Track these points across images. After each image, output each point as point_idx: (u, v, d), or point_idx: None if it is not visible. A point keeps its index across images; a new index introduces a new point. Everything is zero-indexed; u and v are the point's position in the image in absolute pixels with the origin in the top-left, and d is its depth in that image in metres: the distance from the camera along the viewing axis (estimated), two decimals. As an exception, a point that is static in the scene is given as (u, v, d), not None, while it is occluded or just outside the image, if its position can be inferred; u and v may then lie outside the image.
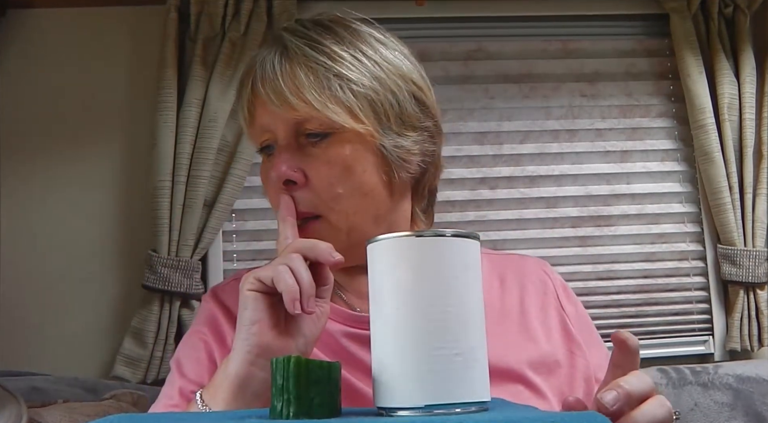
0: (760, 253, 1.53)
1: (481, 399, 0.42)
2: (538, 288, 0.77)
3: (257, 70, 0.67)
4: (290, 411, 0.40)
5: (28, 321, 1.46)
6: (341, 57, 0.66)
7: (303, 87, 0.64)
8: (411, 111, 0.69)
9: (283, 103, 0.64)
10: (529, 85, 1.65)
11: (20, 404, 0.91)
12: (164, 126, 1.42)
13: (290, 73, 0.65)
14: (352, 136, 0.66)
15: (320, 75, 0.65)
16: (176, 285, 1.39)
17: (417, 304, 0.42)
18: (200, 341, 0.70)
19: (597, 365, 0.73)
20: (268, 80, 0.65)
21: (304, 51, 0.66)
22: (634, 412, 0.47)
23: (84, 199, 1.52)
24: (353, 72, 0.66)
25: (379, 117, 0.67)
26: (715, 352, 1.58)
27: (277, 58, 0.66)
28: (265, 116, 0.68)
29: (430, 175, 0.75)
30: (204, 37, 1.47)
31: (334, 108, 0.64)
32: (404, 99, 0.69)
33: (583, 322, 0.78)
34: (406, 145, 0.69)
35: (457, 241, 0.44)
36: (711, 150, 1.54)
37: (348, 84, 0.65)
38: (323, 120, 0.65)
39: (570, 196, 1.62)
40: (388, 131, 0.67)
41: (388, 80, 0.68)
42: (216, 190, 1.45)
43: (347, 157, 0.66)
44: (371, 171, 0.67)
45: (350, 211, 0.67)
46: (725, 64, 1.57)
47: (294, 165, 0.66)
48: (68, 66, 1.55)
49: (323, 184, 0.66)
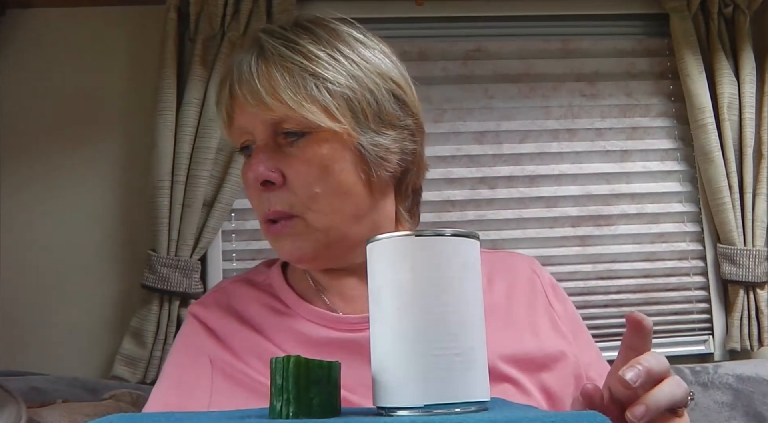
0: (760, 253, 1.53)
1: (481, 399, 0.42)
2: (526, 286, 0.77)
3: (234, 72, 0.67)
4: (290, 411, 0.40)
5: (27, 321, 1.46)
6: (317, 56, 0.66)
7: (278, 87, 0.64)
8: (390, 109, 0.69)
9: (259, 104, 0.64)
10: (528, 85, 1.65)
11: (20, 404, 0.91)
12: (164, 125, 1.42)
13: (266, 74, 0.65)
14: (328, 135, 0.66)
15: (296, 74, 0.64)
16: (176, 285, 1.39)
17: (417, 304, 0.42)
18: (193, 358, 0.69)
19: (587, 363, 0.73)
20: (245, 81, 0.65)
21: (280, 51, 0.66)
22: (653, 390, 0.48)
23: (83, 198, 1.52)
24: (329, 71, 0.66)
25: (356, 115, 0.66)
26: (715, 351, 1.58)
27: (253, 59, 0.66)
28: (243, 117, 0.68)
29: (412, 174, 0.74)
30: (203, 36, 1.47)
31: (309, 107, 0.64)
32: (382, 97, 0.68)
33: (573, 320, 0.77)
34: (384, 143, 0.69)
35: (457, 240, 0.44)
36: (711, 149, 1.54)
37: (324, 83, 0.65)
38: (299, 119, 0.64)
39: (570, 195, 1.62)
40: (365, 129, 0.67)
41: (366, 78, 0.67)
42: (215, 190, 1.45)
43: (324, 156, 0.66)
44: (349, 170, 0.67)
45: (328, 211, 0.66)
46: (725, 64, 1.57)
47: (271, 165, 0.66)
48: (68, 66, 1.55)
49: (300, 184, 0.65)
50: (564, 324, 0.75)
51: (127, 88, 1.56)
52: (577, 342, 0.75)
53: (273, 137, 0.67)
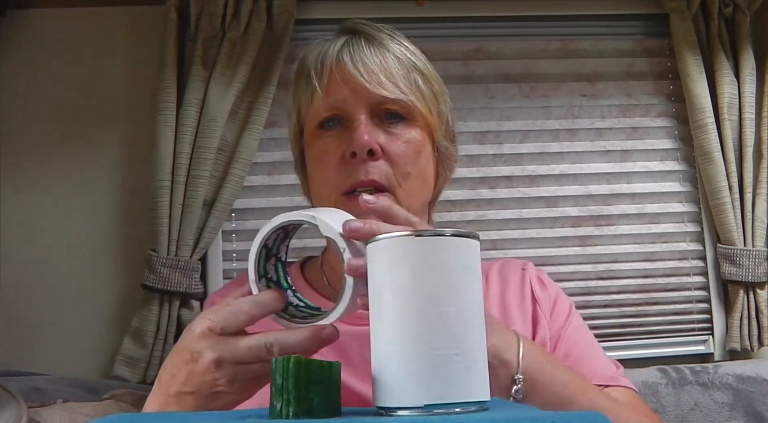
0: (759, 253, 1.53)
1: (481, 399, 0.42)
2: (517, 283, 0.81)
3: (344, 49, 0.71)
4: (290, 411, 0.40)
5: (27, 321, 1.46)
6: (415, 53, 0.74)
7: (394, 71, 0.70)
8: (452, 126, 0.79)
9: (374, 83, 0.69)
10: (529, 85, 1.65)
11: (20, 404, 0.91)
12: (164, 126, 1.42)
13: (380, 57, 0.71)
14: (422, 124, 0.72)
15: (404, 64, 0.71)
16: (176, 285, 1.39)
17: (417, 304, 0.42)
18: None
19: (573, 341, 0.76)
20: (359, 60, 0.70)
21: (386, 41, 0.72)
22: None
23: (84, 198, 1.52)
24: (428, 69, 0.74)
25: (440, 117, 0.75)
26: (714, 351, 1.58)
27: (363, 43, 0.71)
28: (345, 91, 0.71)
29: (441, 185, 0.82)
30: (204, 37, 1.47)
31: (417, 96, 0.71)
32: (449, 114, 0.79)
33: (559, 306, 0.79)
34: (451, 149, 0.78)
35: (457, 240, 0.44)
36: (711, 150, 1.54)
37: (424, 78, 0.73)
38: (405, 104, 0.70)
39: (570, 195, 1.62)
40: (441, 132, 0.76)
41: (443, 92, 0.77)
42: (216, 190, 1.45)
43: (419, 142, 0.72)
44: (431, 161, 0.75)
45: (413, 192, 0.71)
46: (725, 64, 1.57)
47: (374, 138, 0.69)
48: (68, 66, 1.55)
49: (400, 160, 0.70)
50: (542, 307, 0.79)
51: (127, 89, 1.56)
52: (561, 325, 0.78)
53: (373, 115, 0.71)
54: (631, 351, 1.56)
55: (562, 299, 0.81)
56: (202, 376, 0.50)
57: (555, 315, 0.78)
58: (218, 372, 0.50)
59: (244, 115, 1.47)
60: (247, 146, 1.45)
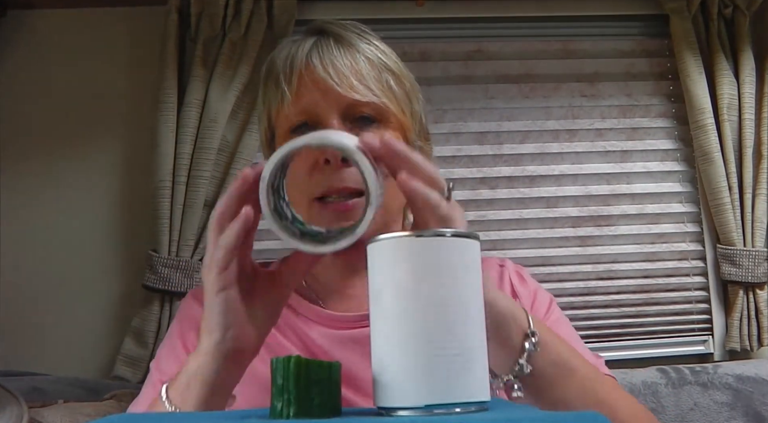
0: (759, 253, 1.53)
1: (481, 399, 0.42)
2: (496, 279, 0.80)
3: (313, 51, 0.69)
4: (290, 411, 0.40)
5: (28, 321, 1.46)
6: (386, 54, 0.72)
7: (365, 73, 0.68)
8: (425, 124, 0.76)
9: (345, 86, 0.67)
10: (529, 85, 1.65)
11: (21, 404, 0.91)
12: (164, 126, 1.42)
13: (351, 59, 0.68)
14: (396, 126, 0.70)
15: (376, 66, 0.69)
16: (177, 285, 1.39)
17: (417, 304, 0.42)
18: (179, 340, 0.70)
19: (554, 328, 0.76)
20: (328, 63, 0.68)
21: (356, 42, 0.70)
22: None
23: (84, 199, 1.52)
24: (400, 70, 0.72)
25: (414, 117, 0.73)
26: (714, 351, 1.59)
27: (332, 44, 0.69)
28: (315, 95, 0.68)
29: None
30: (204, 37, 1.47)
31: (390, 97, 0.69)
32: (422, 112, 0.76)
33: (539, 301, 0.79)
34: (426, 148, 0.76)
35: (457, 240, 0.44)
36: (711, 150, 1.54)
37: (396, 79, 0.71)
38: (378, 107, 0.68)
39: (570, 195, 1.62)
40: (416, 133, 0.74)
41: (415, 90, 0.75)
42: (216, 190, 1.45)
43: None
44: None
45: (388, 195, 0.66)
46: (725, 65, 1.57)
47: None
48: (68, 66, 1.56)
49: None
50: (523, 304, 0.77)
51: (128, 89, 1.56)
52: (539, 316, 0.76)
53: (344, 119, 0.69)
54: (631, 351, 1.56)
55: (542, 294, 0.81)
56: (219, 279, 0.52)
57: (535, 309, 0.77)
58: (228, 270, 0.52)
59: (244, 115, 1.48)
60: (248, 146, 1.45)
